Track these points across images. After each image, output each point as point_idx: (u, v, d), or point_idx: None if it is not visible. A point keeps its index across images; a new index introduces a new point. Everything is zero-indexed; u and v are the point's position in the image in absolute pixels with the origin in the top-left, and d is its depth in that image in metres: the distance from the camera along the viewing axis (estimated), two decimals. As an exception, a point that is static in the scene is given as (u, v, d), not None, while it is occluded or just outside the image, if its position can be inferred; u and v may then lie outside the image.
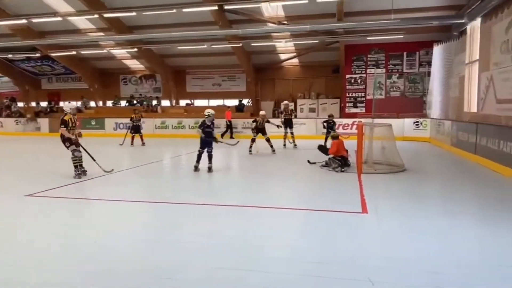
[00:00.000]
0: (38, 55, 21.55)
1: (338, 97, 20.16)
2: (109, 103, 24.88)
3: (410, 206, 5.95)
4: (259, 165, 10.31)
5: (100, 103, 25.14)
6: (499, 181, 7.89)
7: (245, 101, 22.23)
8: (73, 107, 8.58)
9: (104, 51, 20.75)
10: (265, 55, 20.80)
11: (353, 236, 4.51)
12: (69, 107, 8.46)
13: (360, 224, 4.99)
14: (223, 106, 22.53)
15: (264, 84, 22.25)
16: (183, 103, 23.90)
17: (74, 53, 20.86)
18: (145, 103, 23.24)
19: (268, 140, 12.13)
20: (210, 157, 8.93)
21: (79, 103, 24.10)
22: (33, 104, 24.96)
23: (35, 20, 17.55)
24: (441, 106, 15.49)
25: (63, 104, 25.15)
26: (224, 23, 16.46)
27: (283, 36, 18.16)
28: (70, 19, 17.59)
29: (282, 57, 20.97)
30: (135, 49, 19.78)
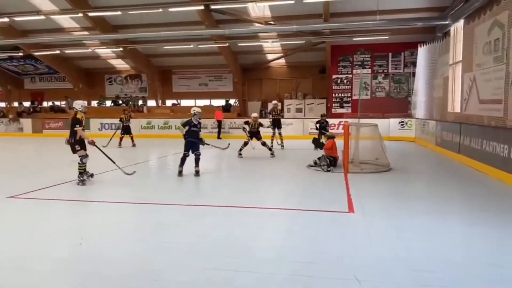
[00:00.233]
0: (20, 54, 21.22)
1: (324, 97, 20.29)
2: (94, 103, 24.59)
3: (396, 205, 6.01)
4: (246, 166, 10.30)
5: (85, 103, 24.73)
6: (483, 180, 8.03)
7: (232, 101, 22.22)
8: (84, 104, 7.84)
9: (88, 50, 20.46)
10: (252, 55, 20.81)
11: (340, 235, 4.53)
12: (80, 104, 7.71)
13: (347, 223, 5.02)
14: (210, 106, 22.54)
15: (251, 84, 22.25)
16: (169, 103, 23.76)
17: (57, 52, 20.56)
18: (130, 103, 23.01)
19: (264, 144, 11.49)
20: (197, 161, 8.49)
21: (63, 103, 23.76)
22: (16, 104, 24.52)
23: (17, 18, 17.27)
24: (426, 106, 15.70)
25: (46, 103, 24.98)
26: (210, 23, 16.41)
27: (269, 36, 18.20)
28: (53, 17, 17.30)
29: (269, 57, 21.00)
30: (121, 49, 19.58)
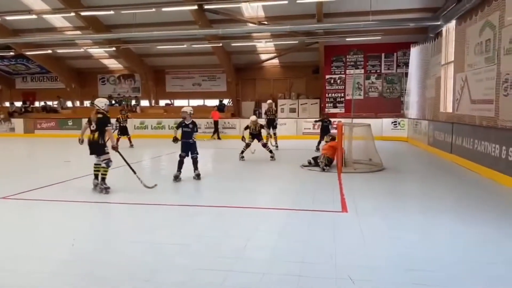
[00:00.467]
0: (12, 53, 20.98)
1: (318, 97, 20.33)
2: (87, 103, 24.41)
3: (389, 204, 6.03)
4: (239, 166, 10.27)
5: (77, 103, 24.63)
6: (475, 180, 8.09)
7: (225, 101, 22.19)
8: (107, 103, 7.01)
9: (81, 50, 20.28)
10: (246, 55, 20.78)
11: (334, 235, 4.53)
12: (104, 102, 6.88)
13: (340, 223, 5.03)
14: (204, 106, 22.49)
15: (244, 84, 22.23)
16: (162, 103, 23.66)
17: (49, 52, 20.37)
18: (124, 103, 22.87)
19: (265, 145, 11.15)
20: (195, 163, 8.03)
21: (55, 103, 23.56)
22: (7, 104, 24.29)
23: (8, 17, 17.09)
24: (418, 106, 15.80)
25: (38, 103, 24.76)
26: (204, 22, 16.37)
27: (263, 36, 18.19)
28: (45, 17, 17.13)
29: (262, 57, 20.99)
30: (113, 48, 19.44)
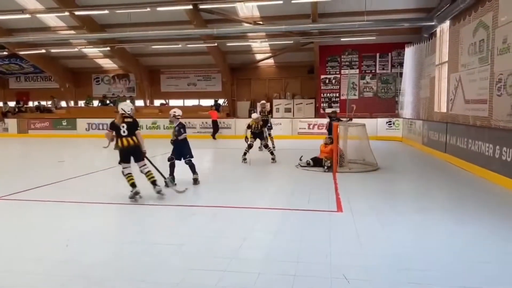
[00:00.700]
0: (5, 53, 20.84)
1: (313, 97, 20.36)
2: (81, 103, 24.29)
3: (384, 204, 6.06)
4: (235, 166, 10.26)
5: (71, 103, 24.49)
6: (468, 179, 8.14)
7: (221, 101, 22.17)
8: (133, 107, 6.62)
9: (75, 49, 20.17)
10: (241, 55, 20.77)
11: (329, 234, 4.54)
12: (130, 107, 6.49)
13: (335, 222, 5.04)
14: (199, 106, 22.46)
15: (240, 84, 22.21)
16: (157, 103, 23.58)
17: (43, 51, 20.23)
18: (118, 103, 22.77)
19: (266, 146, 10.84)
20: (191, 167, 7.62)
21: (49, 103, 23.40)
22: (0, 104, 24.08)
23: (1, 17, 16.97)
24: (413, 106, 15.87)
25: (32, 103, 24.60)
26: (199, 22, 16.34)
27: (258, 36, 18.19)
28: (39, 16, 17.02)
29: (257, 57, 20.98)
30: (108, 48, 19.35)
